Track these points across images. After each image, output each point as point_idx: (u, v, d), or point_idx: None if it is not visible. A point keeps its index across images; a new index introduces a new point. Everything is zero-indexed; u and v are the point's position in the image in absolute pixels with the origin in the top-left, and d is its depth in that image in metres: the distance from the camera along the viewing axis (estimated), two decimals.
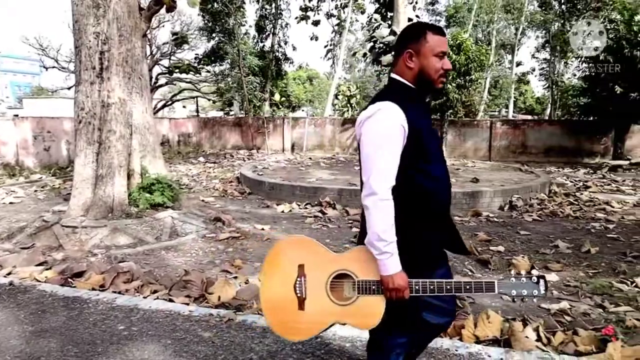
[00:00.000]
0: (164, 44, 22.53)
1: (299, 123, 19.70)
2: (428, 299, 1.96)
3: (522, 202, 8.23)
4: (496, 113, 41.65)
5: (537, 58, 41.02)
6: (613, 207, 8.51)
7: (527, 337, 3.15)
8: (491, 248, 5.73)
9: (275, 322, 1.99)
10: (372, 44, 17.31)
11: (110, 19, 6.24)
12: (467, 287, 1.86)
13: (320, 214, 7.46)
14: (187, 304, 3.76)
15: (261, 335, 3.13)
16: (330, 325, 1.97)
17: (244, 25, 22.54)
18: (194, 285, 4.10)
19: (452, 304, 2.11)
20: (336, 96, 29.42)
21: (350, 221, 7.09)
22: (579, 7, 29.26)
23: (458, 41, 15.55)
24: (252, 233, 6.39)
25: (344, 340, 3.03)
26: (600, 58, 15.53)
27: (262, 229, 6.57)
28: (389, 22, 17.49)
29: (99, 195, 6.17)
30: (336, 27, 29.69)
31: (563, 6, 30.48)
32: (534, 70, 43.43)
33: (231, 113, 28.33)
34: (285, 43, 26.41)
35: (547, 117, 33.21)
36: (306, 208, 8.01)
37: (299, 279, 1.92)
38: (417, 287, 1.83)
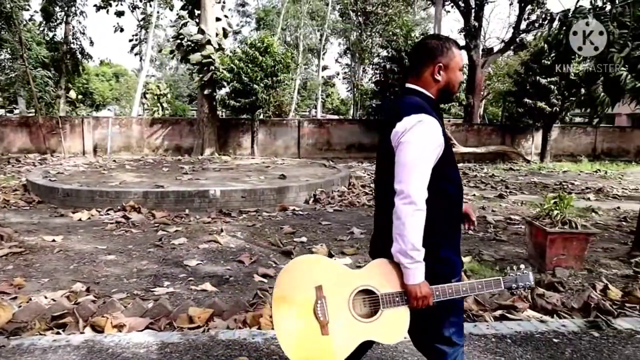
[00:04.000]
0: None
1: (102, 123, 18.04)
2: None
3: (325, 195, 8.95)
4: (307, 113, 44.32)
5: (340, 63, 45.02)
6: None
7: None
8: (295, 239, 6.10)
9: (299, 355, 1.79)
10: (179, 41, 16.82)
11: None
12: (479, 286, 1.91)
13: (123, 220, 6.97)
14: None
15: (40, 357, 2.80)
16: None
17: (28, 9, 19.58)
18: None
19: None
20: (144, 95, 27.76)
21: (156, 224, 6.80)
22: (372, 20, 32.96)
23: (265, 44, 16.07)
24: (40, 246, 5.66)
25: (138, 346, 2.90)
26: (387, 66, 17.74)
27: (53, 241, 5.86)
28: (197, 20, 17.20)
29: None
30: (142, 22, 28.00)
31: (360, 18, 33.94)
32: (338, 74, 47.57)
33: (16, 111, 24.49)
34: (83, 34, 23.88)
35: (350, 117, 36.55)
36: (108, 214, 7.41)
37: (319, 302, 1.78)
38: (437, 293, 1.84)
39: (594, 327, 3.33)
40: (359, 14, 33.92)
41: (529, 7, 21.49)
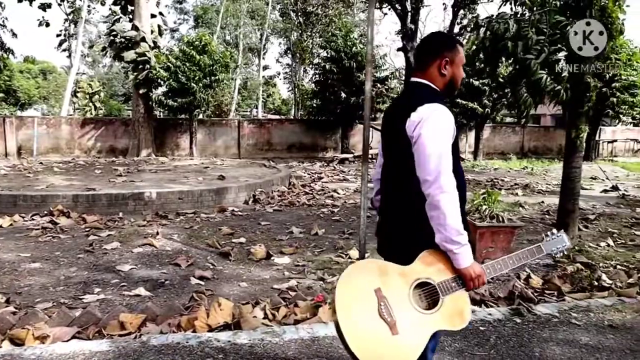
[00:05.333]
0: None
1: (27, 123, 16.97)
2: None
3: (265, 195, 8.90)
4: (248, 113, 43.88)
5: (281, 63, 44.88)
6: (339, 193, 9.95)
7: (255, 316, 3.43)
8: (233, 240, 6.02)
9: (373, 358, 1.76)
10: (112, 38, 16.15)
11: None
12: (524, 256, 2.01)
13: (50, 225, 6.59)
14: None
15: None
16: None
17: None
18: None
19: None
20: (75, 94, 26.36)
21: (87, 229, 6.48)
22: (312, 20, 33.15)
23: (203, 42, 15.76)
24: None
25: (62, 357, 2.75)
26: (327, 67, 17.91)
27: None
28: (130, 17, 16.58)
29: None
30: (71, 16, 26.58)
31: (300, 18, 34.04)
32: (279, 74, 47.46)
33: None
34: (2, 26, 22.25)
35: (291, 117, 36.57)
36: (33, 219, 6.97)
37: (381, 304, 1.78)
38: (488, 271, 1.91)
39: (516, 314, 3.53)
40: (299, 14, 34.02)
41: (462, 12, 22.42)
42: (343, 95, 17.52)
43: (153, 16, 16.57)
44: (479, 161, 18.48)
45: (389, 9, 23.54)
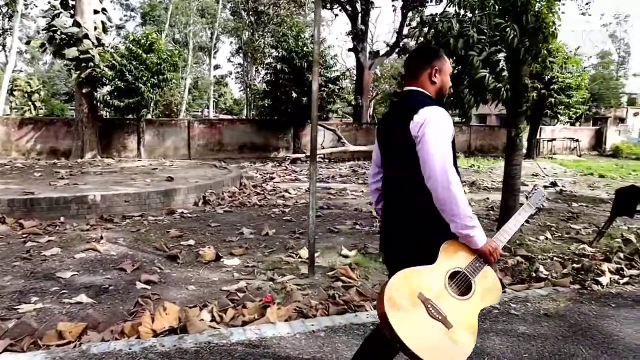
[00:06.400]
0: None
1: None
2: None
3: (215, 196, 8.76)
4: (199, 113, 43.06)
5: (233, 62, 44.35)
6: (290, 194, 9.94)
7: (202, 320, 3.37)
8: (182, 243, 5.89)
9: (443, 357, 1.88)
10: (52, 34, 15.40)
11: None
12: (520, 218, 2.21)
13: None
14: None
15: None
16: None
17: None
18: None
19: None
20: (12, 92, 24.91)
21: (24, 235, 6.14)
22: (264, 20, 32.95)
23: (150, 41, 15.33)
24: None
25: None
26: (278, 67, 17.86)
27: None
28: (72, 12, 15.88)
29: None
30: (5, 9, 25.13)
31: (251, 18, 33.75)
32: (231, 73, 46.87)
33: None
34: None
35: (243, 117, 36.19)
36: None
37: (429, 306, 1.90)
38: (499, 242, 2.08)
39: None
40: (250, 13, 33.73)
41: (411, 14, 22.98)
42: (294, 95, 17.51)
43: (96, 12, 15.92)
44: None
45: (340, 10, 23.81)
